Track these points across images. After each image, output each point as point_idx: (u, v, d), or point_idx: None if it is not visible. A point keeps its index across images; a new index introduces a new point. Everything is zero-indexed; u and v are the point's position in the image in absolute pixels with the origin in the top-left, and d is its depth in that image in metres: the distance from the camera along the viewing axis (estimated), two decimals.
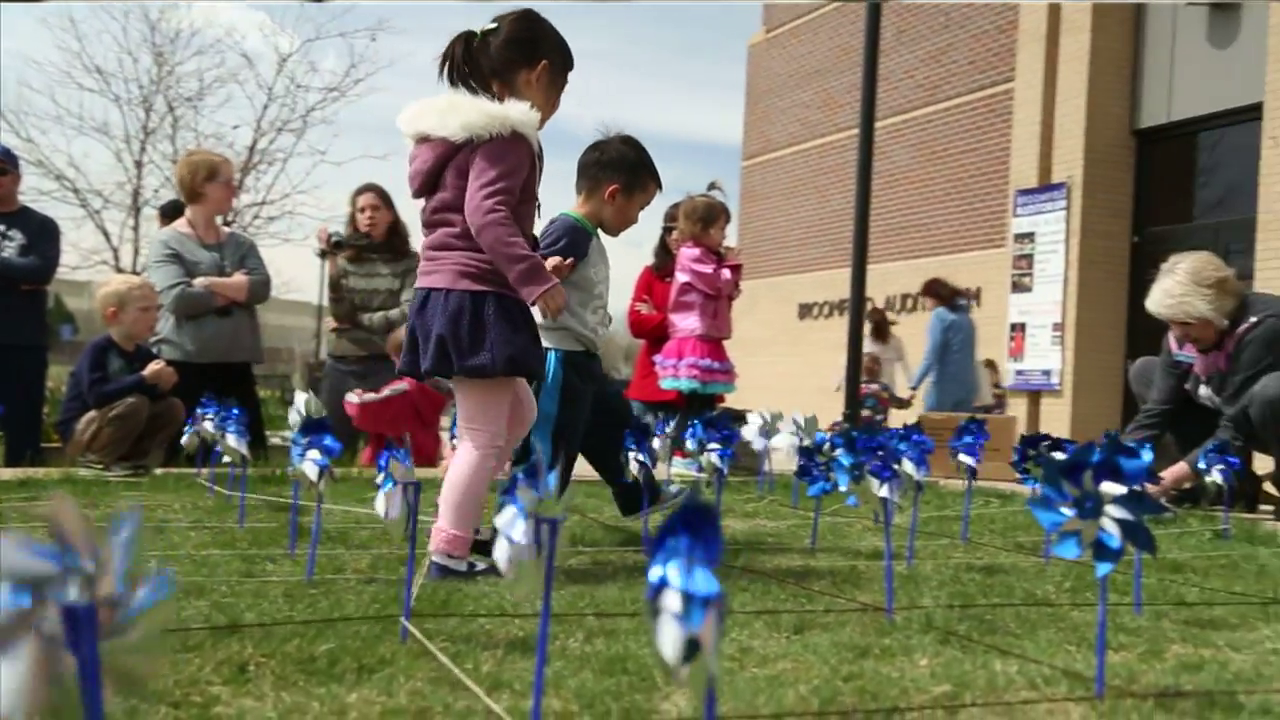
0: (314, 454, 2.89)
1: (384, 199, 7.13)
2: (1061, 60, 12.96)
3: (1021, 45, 13.64)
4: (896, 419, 11.42)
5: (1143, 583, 2.96)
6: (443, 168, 3.19)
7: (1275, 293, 6.54)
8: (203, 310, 6.44)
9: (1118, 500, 1.97)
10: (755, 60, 20.66)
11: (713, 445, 3.94)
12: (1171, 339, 5.64)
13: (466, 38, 3.25)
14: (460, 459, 3.20)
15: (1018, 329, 13.32)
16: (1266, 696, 2.03)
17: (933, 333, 10.45)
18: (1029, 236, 13.18)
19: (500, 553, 1.70)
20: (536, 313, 3.26)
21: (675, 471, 5.68)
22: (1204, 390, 5.53)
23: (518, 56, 3.25)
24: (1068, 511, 2.03)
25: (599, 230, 3.92)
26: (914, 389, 11.00)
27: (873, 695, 1.96)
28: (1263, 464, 5.56)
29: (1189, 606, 2.94)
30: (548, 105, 3.30)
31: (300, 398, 3.33)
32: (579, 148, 3.96)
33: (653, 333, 7.01)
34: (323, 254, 7.16)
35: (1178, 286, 5.35)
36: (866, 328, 10.66)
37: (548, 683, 1.94)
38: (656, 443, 4.02)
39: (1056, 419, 12.30)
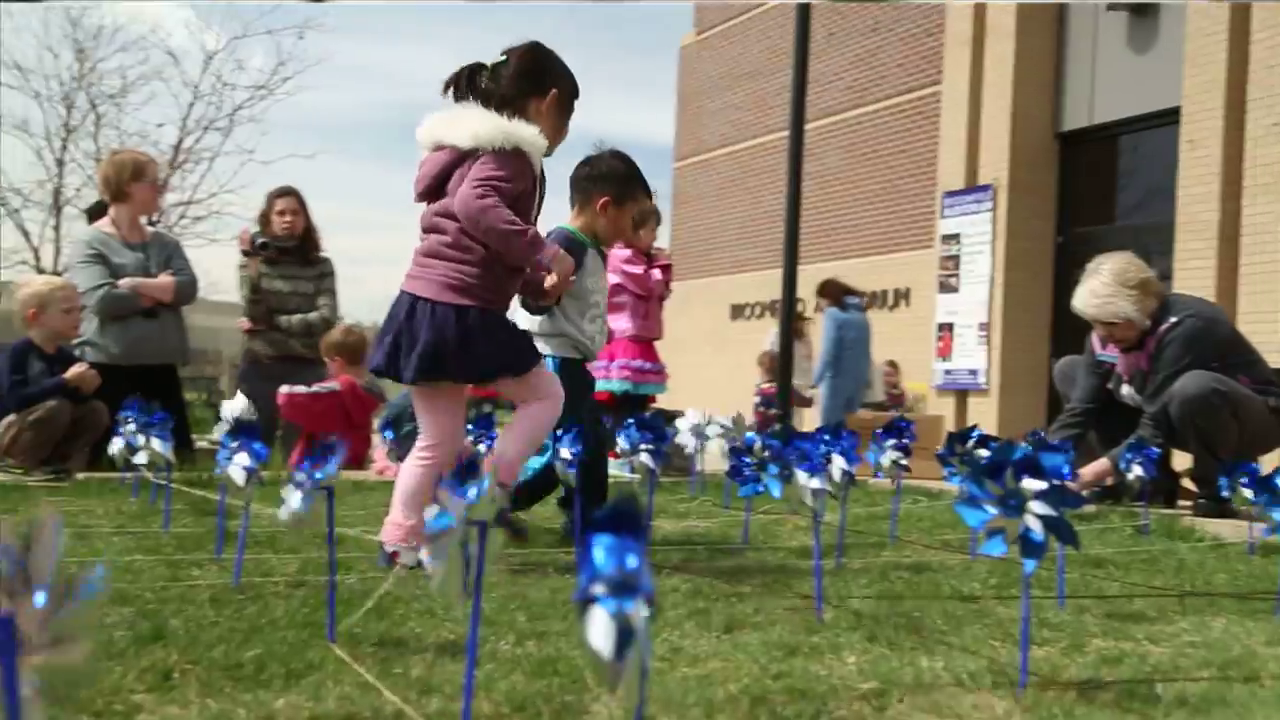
0: (241, 458, 2.86)
1: (301, 203, 7.07)
2: (987, 64, 13.15)
3: (948, 49, 13.82)
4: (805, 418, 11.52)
5: (1066, 578, 3.01)
6: (449, 174, 3.29)
7: (1194, 293, 6.68)
8: (128, 312, 6.33)
9: (1040, 496, 2.01)
10: (687, 61, 20.72)
11: (645, 446, 3.95)
12: (1095, 339, 5.75)
13: (473, 70, 3.38)
14: (515, 427, 3.38)
15: (945, 329, 13.50)
16: (1183, 686, 2.08)
17: (826, 332, 10.67)
18: (955, 238, 13.36)
19: (427, 555, 1.69)
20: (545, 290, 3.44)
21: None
22: (1126, 389, 5.64)
23: (528, 86, 3.38)
24: (992, 509, 2.06)
25: (594, 242, 4.05)
26: (814, 387, 11.16)
27: (802, 693, 1.97)
28: (1182, 461, 5.69)
29: (1110, 601, 3.00)
30: (557, 133, 3.45)
31: (229, 401, 3.30)
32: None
33: None
34: (245, 255, 7.06)
35: (1103, 287, 5.45)
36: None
37: (478, 685, 1.93)
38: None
39: (983, 417, 12.47)
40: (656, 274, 6.65)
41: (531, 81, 3.39)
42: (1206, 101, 10.43)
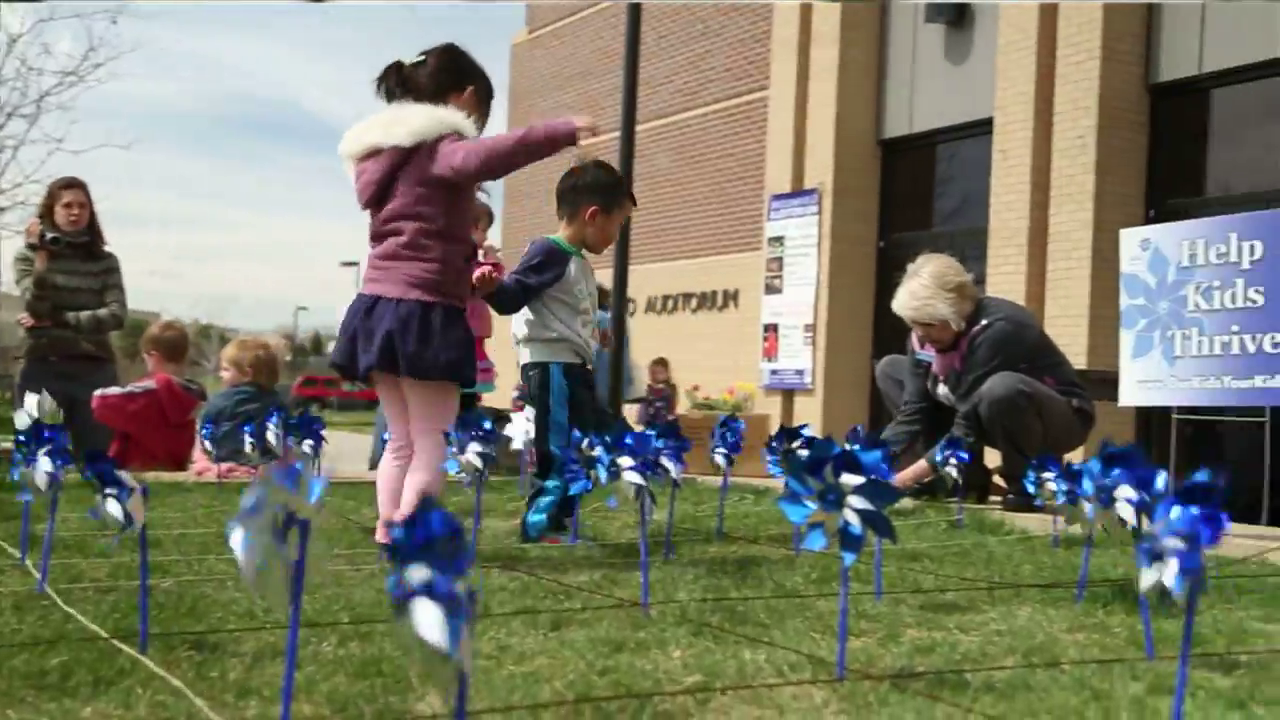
0: (44, 459, 2.73)
1: (88, 195, 6.79)
2: (812, 71, 13.46)
3: (775, 55, 14.10)
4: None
5: (883, 572, 3.11)
6: (394, 177, 3.39)
7: (1005, 297, 6.97)
8: None
9: (857, 490, 2.07)
10: (518, 60, 20.66)
11: (472, 445, 3.92)
12: (914, 338, 5.93)
13: (397, 66, 3.52)
14: (421, 460, 3.46)
15: (770, 330, 13.76)
16: (990, 674, 2.17)
17: None
18: (781, 240, 13.64)
19: (242, 556, 1.65)
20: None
21: None
22: (941, 389, 5.84)
23: (447, 82, 3.52)
24: (813, 505, 2.12)
25: (582, 250, 4.20)
26: None
27: (627, 688, 1.99)
28: (994, 458, 5.92)
29: (925, 593, 3.10)
30: (476, 127, 3.55)
31: (30, 400, 3.15)
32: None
33: None
34: (32, 248, 6.71)
35: (923, 289, 5.62)
36: None
37: (299, 688, 1.89)
38: None
39: (809, 416, 12.76)
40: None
41: (450, 78, 3.53)
42: (1017, 113, 10.89)
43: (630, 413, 8.36)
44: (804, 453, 3.71)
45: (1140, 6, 10.46)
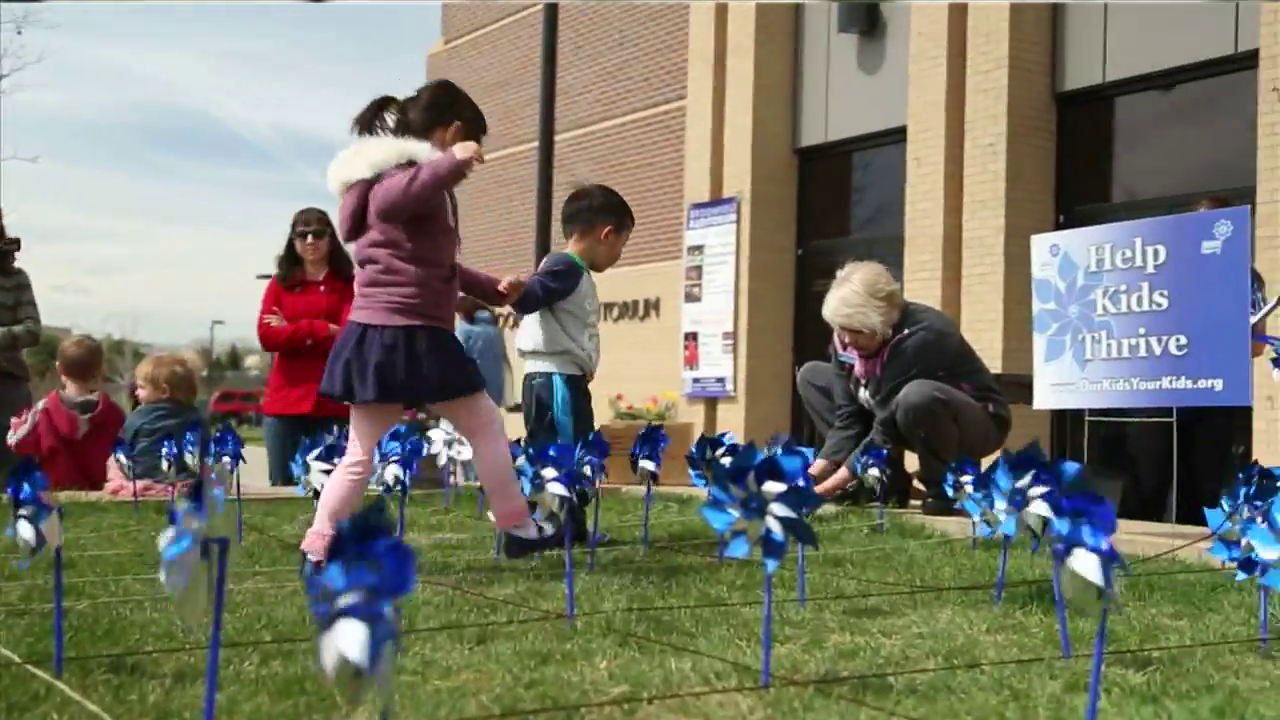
0: None
1: None
2: (729, 81, 13.55)
3: (691, 65, 14.17)
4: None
5: (807, 578, 3.14)
6: (365, 209, 3.53)
7: (923, 302, 7.06)
8: None
9: (779, 498, 2.09)
10: (435, 70, 20.54)
11: (395, 458, 3.90)
12: (836, 341, 5.99)
13: (382, 103, 3.67)
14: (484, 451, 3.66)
15: (691, 338, 13.82)
16: (912, 676, 2.20)
17: None
18: (700, 249, 13.71)
19: (165, 577, 1.63)
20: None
21: None
22: (864, 394, 5.90)
23: (435, 117, 3.71)
24: (735, 512, 2.14)
25: (589, 267, 4.49)
26: None
27: (554, 700, 1.99)
28: (914, 463, 6.00)
29: (848, 598, 3.14)
30: None
31: None
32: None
33: (285, 345, 6.70)
34: None
35: (855, 296, 5.67)
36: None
37: (220, 709, 1.87)
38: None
39: (732, 424, 12.83)
40: None
41: (437, 113, 3.72)
42: (929, 121, 11.06)
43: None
44: (727, 460, 3.75)
45: (1045, 17, 10.69)
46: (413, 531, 4.57)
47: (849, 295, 5.68)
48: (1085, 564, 1.68)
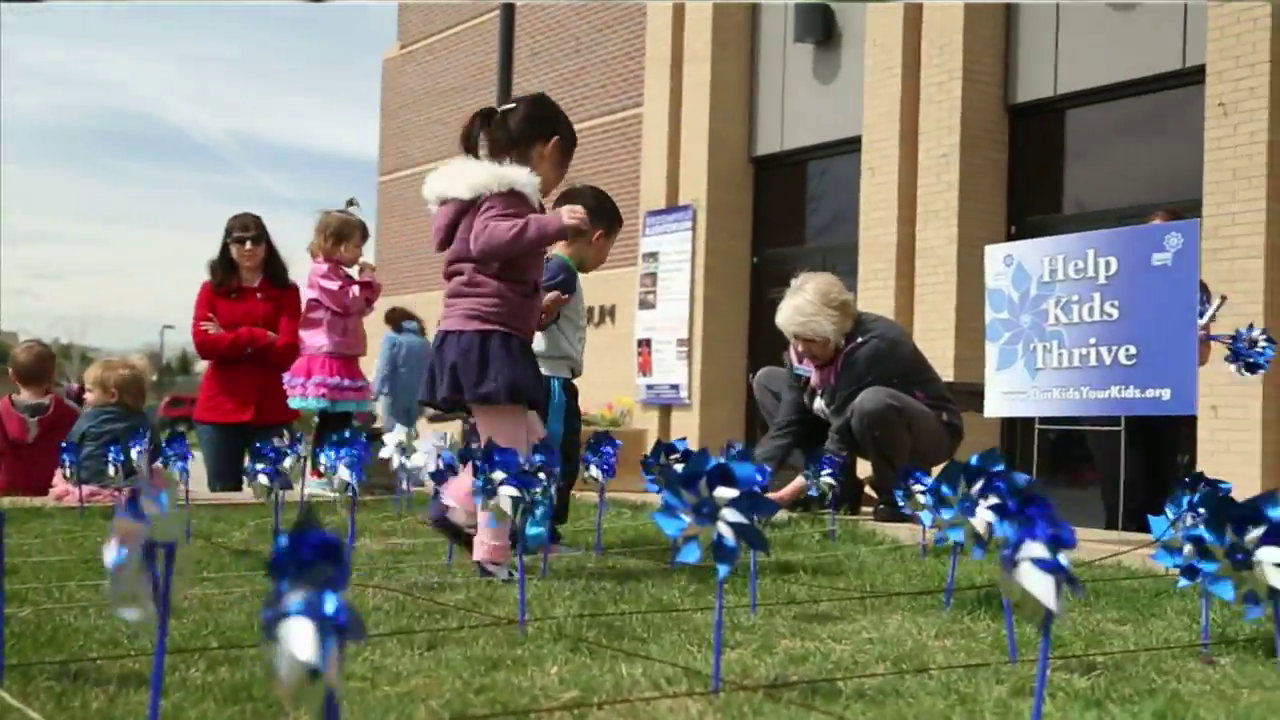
0: None
1: None
2: (685, 88, 13.59)
3: (648, 72, 14.20)
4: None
5: (759, 584, 3.15)
6: (456, 224, 3.70)
7: (876, 311, 7.12)
8: None
9: (731, 504, 2.10)
10: (390, 75, 20.46)
11: (345, 463, 3.88)
12: (792, 353, 6.02)
13: (486, 114, 3.83)
14: None
15: (644, 345, 13.83)
16: (861, 681, 2.22)
17: (380, 352, 11.63)
18: (655, 256, 13.73)
19: (110, 585, 1.61)
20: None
21: (310, 491, 5.53)
22: (818, 403, 5.94)
23: (534, 131, 3.84)
24: (687, 518, 2.14)
25: (576, 268, 4.55)
26: (375, 399, 11.68)
27: (504, 705, 1.99)
28: (867, 470, 6.04)
29: (799, 604, 3.16)
30: (555, 176, 3.96)
31: None
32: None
33: (225, 352, 6.59)
34: None
35: (809, 305, 5.71)
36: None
37: (165, 716, 1.85)
38: (288, 463, 3.95)
39: (686, 430, 12.85)
40: (355, 291, 6.52)
41: (536, 126, 3.84)
42: (884, 131, 11.15)
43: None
44: (680, 466, 3.76)
45: (999, 30, 10.81)
46: (364, 537, 4.54)
47: (802, 304, 5.72)
48: (1034, 581, 1.69)
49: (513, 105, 3.88)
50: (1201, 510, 2.41)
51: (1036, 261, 5.13)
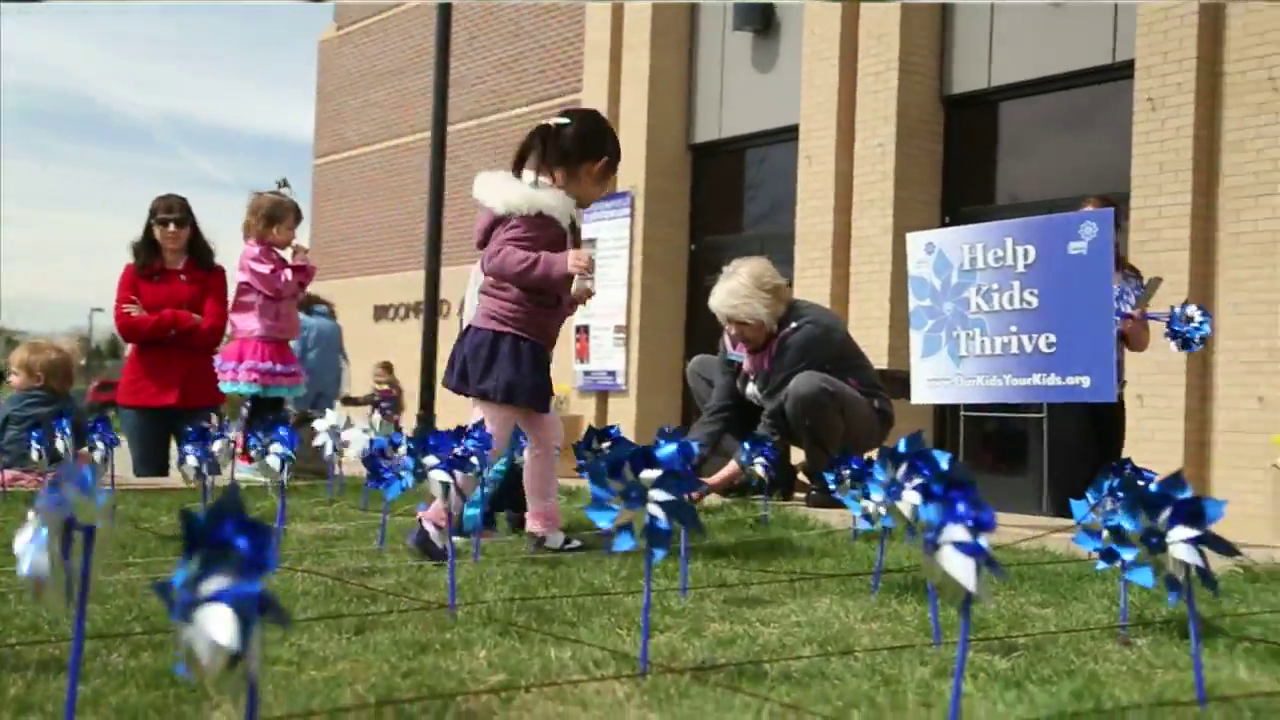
0: None
1: None
2: (624, 75, 13.58)
3: (588, 59, 14.18)
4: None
5: (689, 568, 3.17)
6: (491, 230, 3.94)
7: (812, 300, 7.17)
8: None
9: (657, 484, 2.11)
10: (326, 57, 20.23)
11: (275, 448, 3.84)
12: (727, 339, 6.05)
13: (541, 133, 3.98)
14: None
15: (582, 331, 13.83)
16: (788, 663, 2.24)
17: None
18: (593, 242, 13.72)
19: (25, 565, 1.58)
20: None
21: (241, 476, 5.47)
22: (751, 388, 5.97)
23: (584, 150, 3.97)
24: (617, 506, 2.15)
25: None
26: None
27: (430, 688, 1.99)
28: (799, 455, 6.09)
29: (729, 587, 3.18)
30: (596, 192, 4.10)
31: None
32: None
33: (148, 335, 6.47)
34: None
35: (742, 288, 5.74)
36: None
37: (85, 701, 1.83)
38: (217, 446, 3.92)
39: (623, 417, 12.88)
40: (287, 274, 6.44)
41: (587, 145, 3.97)
42: (821, 120, 11.22)
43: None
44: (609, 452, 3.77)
45: (935, 21, 10.91)
46: (295, 522, 4.51)
47: (736, 287, 5.75)
48: (955, 564, 1.72)
49: (567, 121, 3.99)
50: (1120, 495, 2.46)
51: (957, 249, 5.19)
